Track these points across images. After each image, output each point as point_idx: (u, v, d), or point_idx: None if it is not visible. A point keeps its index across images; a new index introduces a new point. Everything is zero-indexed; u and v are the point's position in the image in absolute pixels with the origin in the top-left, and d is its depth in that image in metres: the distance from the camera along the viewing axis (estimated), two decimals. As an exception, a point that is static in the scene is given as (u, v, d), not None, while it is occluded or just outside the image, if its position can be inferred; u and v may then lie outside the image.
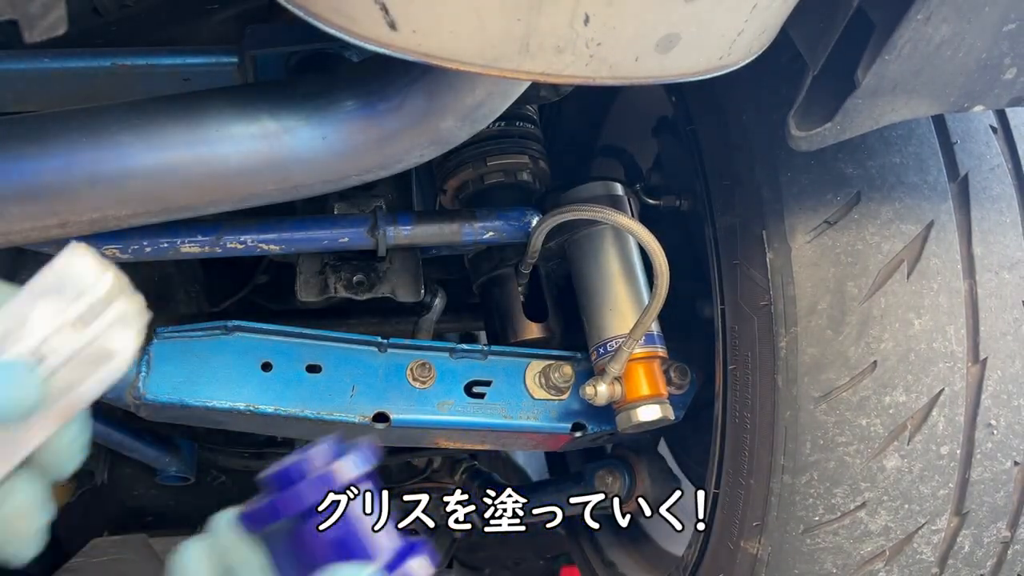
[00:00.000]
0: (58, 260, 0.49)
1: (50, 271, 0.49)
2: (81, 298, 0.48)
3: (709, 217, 1.17)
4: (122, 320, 0.48)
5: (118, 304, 0.48)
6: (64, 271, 0.49)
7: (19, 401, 0.46)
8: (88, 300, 0.48)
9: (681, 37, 0.70)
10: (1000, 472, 1.05)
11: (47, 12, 0.64)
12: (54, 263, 0.49)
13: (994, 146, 1.09)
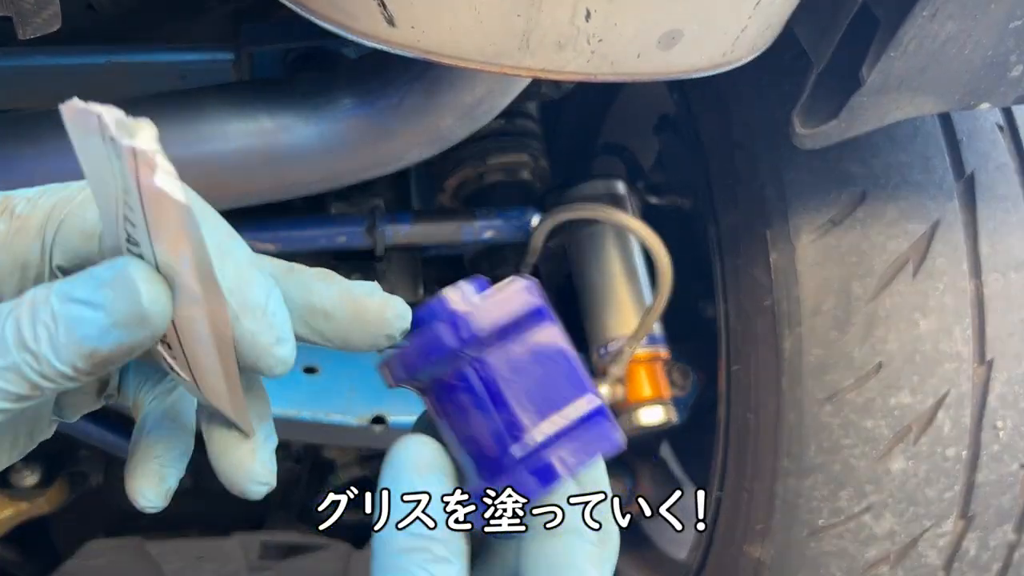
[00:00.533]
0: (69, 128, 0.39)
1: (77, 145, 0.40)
2: (110, 162, 0.38)
3: (712, 216, 1.16)
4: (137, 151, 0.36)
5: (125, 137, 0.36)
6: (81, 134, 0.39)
7: (135, 312, 0.38)
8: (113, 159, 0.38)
9: (683, 33, 0.69)
10: (1006, 474, 1.04)
11: (41, 9, 0.63)
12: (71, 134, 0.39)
13: (1000, 144, 1.08)
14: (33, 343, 0.38)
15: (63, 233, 0.43)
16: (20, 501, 1.50)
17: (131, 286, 0.38)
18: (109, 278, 0.38)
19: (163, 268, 0.39)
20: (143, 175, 0.37)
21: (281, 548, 1.59)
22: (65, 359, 0.38)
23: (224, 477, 0.47)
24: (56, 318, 0.38)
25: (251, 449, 0.47)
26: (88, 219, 0.43)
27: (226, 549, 1.58)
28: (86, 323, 0.38)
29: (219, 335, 0.42)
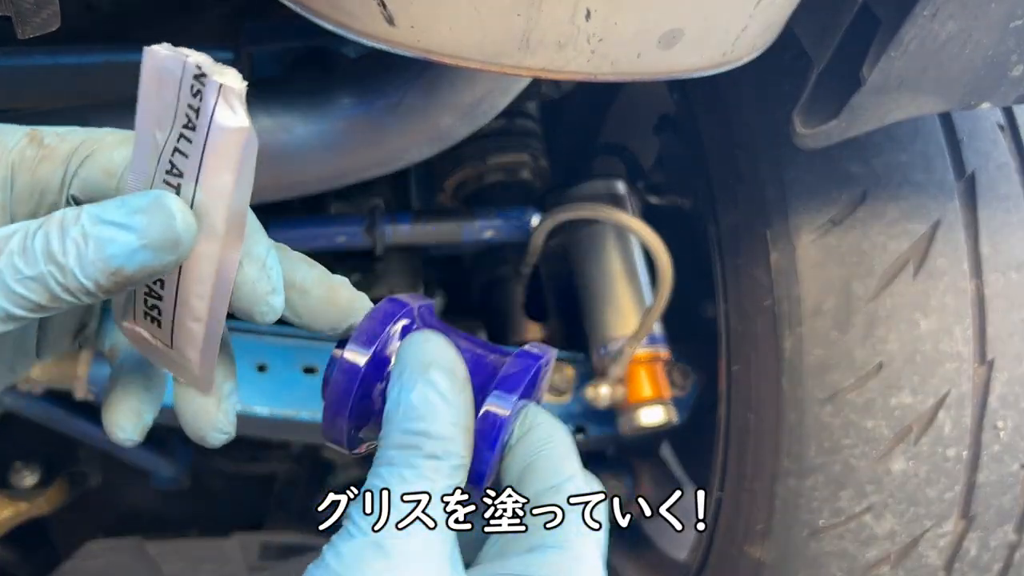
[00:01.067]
0: (143, 75, 0.43)
1: (144, 89, 0.43)
2: (183, 95, 0.42)
3: (712, 216, 1.16)
4: (225, 88, 0.41)
5: (215, 74, 0.41)
6: (153, 80, 0.43)
7: (163, 233, 0.42)
8: (188, 92, 0.42)
9: (684, 33, 0.69)
10: (1007, 475, 1.03)
11: (40, 8, 0.63)
12: (142, 79, 0.43)
13: (1001, 144, 1.08)
14: (61, 256, 0.41)
15: (87, 166, 0.48)
16: (20, 501, 1.50)
17: (167, 212, 0.42)
18: (144, 205, 0.42)
19: (196, 206, 0.43)
20: (222, 110, 0.41)
21: (281, 548, 1.59)
22: (90, 275, 0.42)
23: (187, 423, 0.51)
24: (87, 236, 0.41)
25: (216, 400, 0.51)
26: (113, 159, 0.47)
27: (226, 549, 1.57)
28: (116, 243, 0.41)
29: (222, 277, 0.45)
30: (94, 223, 0.42)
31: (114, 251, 0.42)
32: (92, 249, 0.42)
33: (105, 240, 0.42)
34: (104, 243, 0.42)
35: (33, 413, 1.31)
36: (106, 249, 0.42)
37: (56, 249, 0.42)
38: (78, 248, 0.41)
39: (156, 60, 0.42)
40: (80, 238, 0.42)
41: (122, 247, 0.42)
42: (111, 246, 0.42)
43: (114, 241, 0.42)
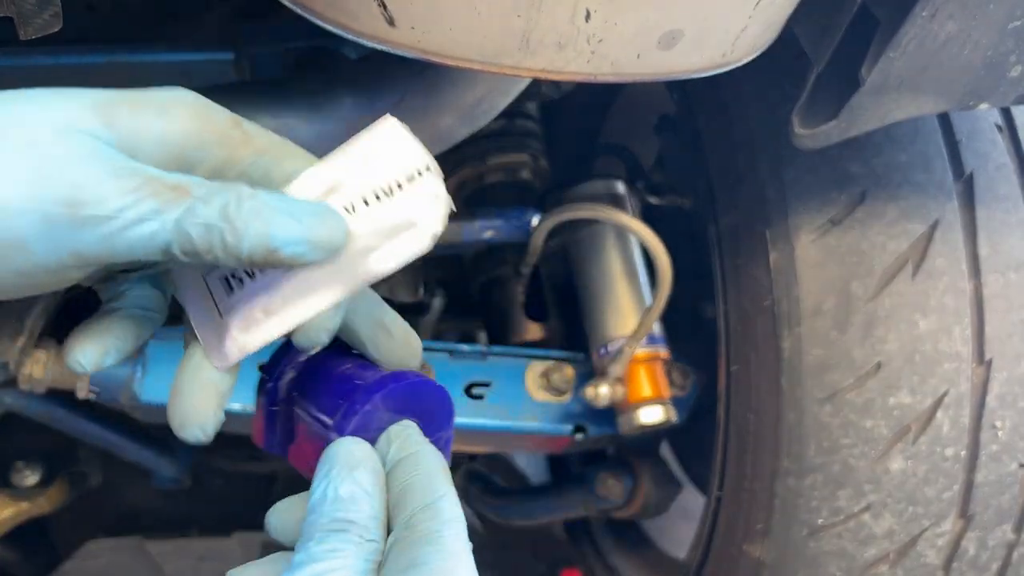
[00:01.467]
0: (372, 130, 0.50)
1: (364, 139, 0.50)
2: (392, 168, 0.48)
3: (712, 216, 1.16)
4: (430, 195, 0.47)
5: (428, 179, 0.47)
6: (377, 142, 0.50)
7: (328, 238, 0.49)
8: (399, 171, 0.48)
9: (684, 34, 0.69)
10: (1005, 474, 1.04)
11: (42, 9, 0.63)
12: (369, 132, 0.50)
13: (1000, 144, 1.08)
14: (236, 220, 0.47)
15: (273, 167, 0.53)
16: (20, 501, 1.50)
17: (335, 220, 0.49)
18: (314, 209, 0.49)
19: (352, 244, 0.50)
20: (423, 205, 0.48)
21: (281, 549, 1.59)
22: (252, 244, 0.47)
23: (176, 405, 0.56)
24: (259, 212, 0.47)
25: (215, 395, 0.56)
26: (296, 168, 0.53)
27: (226, 549, 1.58)
28: (285, 228, 0.47)
29: (316, 302, 0.51)
30: (269, 204, 0.48)
31: (278, 232, 0.47)
32: (261, 223, 0.47)
33: (275, 221, 0.47)
34: (273, 223, 0.47)
35: (34, 412, 1.31)
36: (273, 228, 0.47)
37: (233, 212, 0.47)
38: (253, 217, 0.47)
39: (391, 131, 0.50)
40: (254, 210, 0.47)
41: (288, 232, 0.47)
42: (278, 227, 0.47)
43: (282, 225, 0.47)
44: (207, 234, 0.47)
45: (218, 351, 0.54)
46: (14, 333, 1.14)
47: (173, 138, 0.50)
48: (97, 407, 1.31)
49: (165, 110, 0.51)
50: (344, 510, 0.49)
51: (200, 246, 0.47)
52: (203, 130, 0.52)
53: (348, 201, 0.50)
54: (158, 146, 0.50)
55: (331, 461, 0.52)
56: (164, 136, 0.50)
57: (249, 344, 0.53)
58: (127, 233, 0.46)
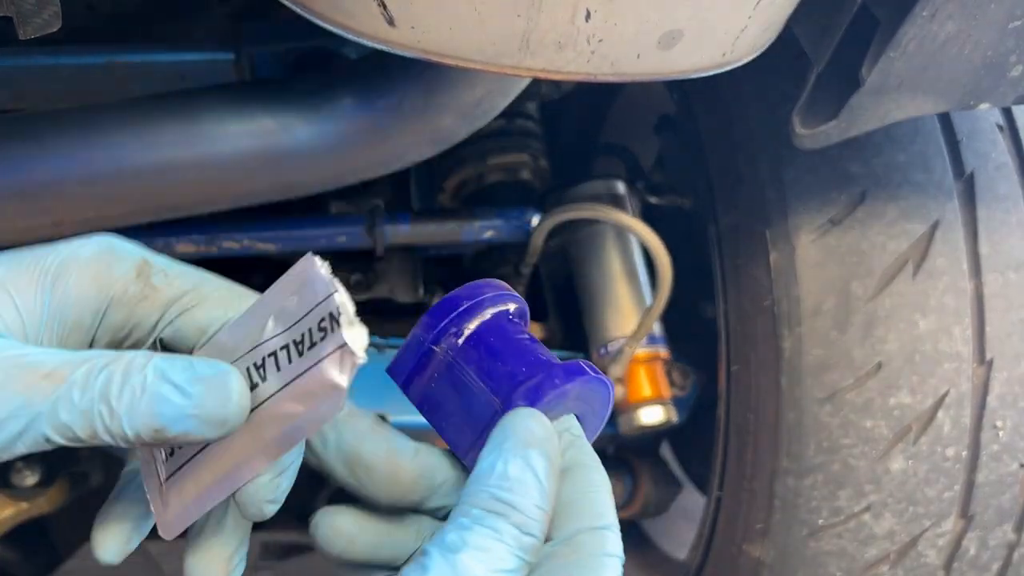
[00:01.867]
0: (293, 269, 0.46)
1: (285, 281, 0.46)
2: (310, 315, 0.44)
3: (712, 216, 1.16)
4: (346, 348, 0.43)
5: (345, 330, 0.43)
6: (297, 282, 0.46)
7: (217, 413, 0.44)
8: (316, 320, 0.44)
9: (684, 34, 0.69)
10: (1006, 474, 1.04)
11: (41, 9, 0.63)
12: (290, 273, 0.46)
13: (1000, 144, 1.08)
14: (115, 401, 0.43)
15: (184, 318, 0.50)
16: (20, 501, 1.50)
17: (226, 390, 0.44)
18: (208, 375, 0.44)
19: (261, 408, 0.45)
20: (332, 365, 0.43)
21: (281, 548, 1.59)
22: (135, 426, 0.43)
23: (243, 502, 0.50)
24: (145, 389, 0.43)
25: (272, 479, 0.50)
26: (212, 316, 0.50)
27: (226, 549, 1.57)
28: (169, 404, 0.43)
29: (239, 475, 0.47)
30: (157, 378, 0.43)
31: (164, 411, 0.43)
32: (145, 403, 0.43)
33: (160, 398, 0.43)
34: (158, 401, 0.43)
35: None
36: (157, 407, 0.43)
37: (114, 393, 0.43)
38: (133, 397, 0.43)
39: (309, 269, 0.45)
40: (139, 388, 0.43)
41: (173, 409, 0.43)
42: (163, 405, 0.43)
43: (168, 401, 0.43)
44: (86, 423, 0.43)
45: (163, 521, 0.51)
46: (14, 333, 1.14)
47: (67, 305, 0.48)
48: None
49: (60, 273, 0.48)
50: (508, 490, 0.44)
51: (81, 435, 0.43)
52: (98, 295, 0.49)
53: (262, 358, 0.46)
54: (56, 314, 0.48)
55: (505, 432, 0.46)
56: (61, 305, 0.48)
57: (190, 516, 0.49)
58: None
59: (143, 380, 0.43)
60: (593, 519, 0.46)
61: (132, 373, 0.43)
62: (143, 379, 0.43)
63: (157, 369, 0.43)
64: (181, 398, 0.43)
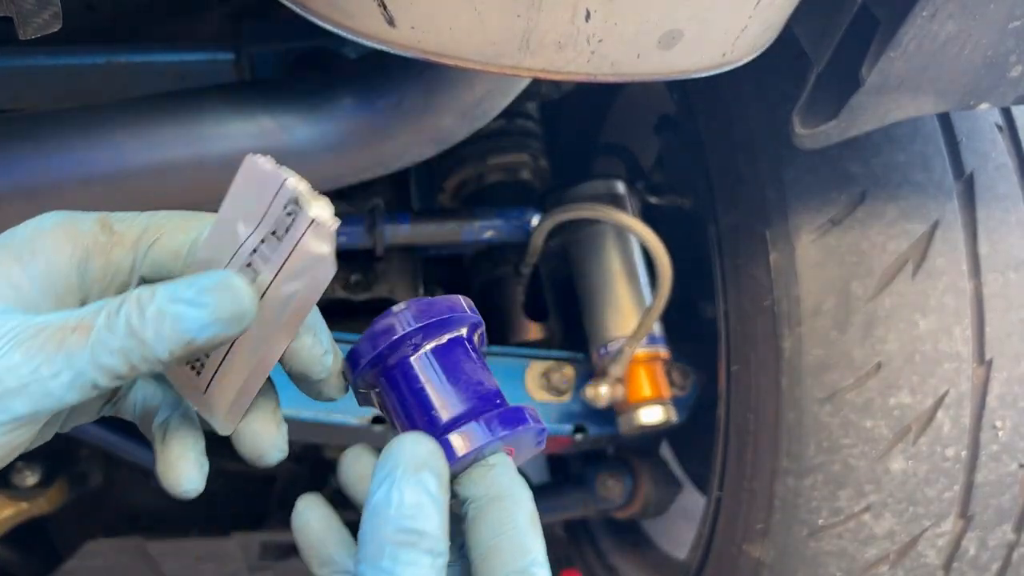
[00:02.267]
0: (239, 176, 0.50)
1: (236, 189, 0.50)
2: (274, 208, 0.49)
3: (712, 216, 1.16)
4: (317, 222, 0.48)
5: (310, 207, 0.48)
6: (249, 185, 0.50)
7: (236, 311, 0.48)
8: (280, 208, 0.49)
9: (683, 34, 0.69)
10: (1006, 474, 1.04)
11: (41, 9, 0.63)
12: (237, 180, 0.50)
13: (1000, 144, 1.08)
14: (141, 332, 0.47)
15: (155, 249, 0.54)
16: (20, 501, 1.50)
17: (235, 290, 0.48)
18: (213, 284, 0.48)
19: (265, 297, 0.50)
20: (311, 239, 0.48)
21: (281, 548, 1.59)
22: (166, 347, 0.47)
23: (246, 445, 0.58)
24: (162, 313, 0.47)
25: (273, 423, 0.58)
26: (179, 241, 0.54)
27: (226, 549, 1.58)
28: (189, 319, 0.47)
29: (267, 358, 0.53)
30: (169, 301, 0.47)
31: (188, 326, 0.47)
32: (168, 325, 0.47)
33: (180, 316, 0.47)
34: (179, 319, 0.47)
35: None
36: (181, 324, 0.47)
37: (136, 325, 0.47)
38: (156, 324, 0.47)
39: (255, 169, 0.49)
40: (157, 314, 0.47)
41: (195, 322, 0.47)
42: (185, 321, 0.47)
43: (187, 317, 0.47)
44: (124, 358, 0.47)
45: (218, 422, 0.56)
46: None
47: (52, 271, 0.52)
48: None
49: (33, 247, 0.52)
50: (412, 518, 0.48)
51: (123, 371, 0.48)
52: (73, 251, 0.53)
53: (247, 256, 0.51)
54: (45, 284, 0.52)
55: (394, 460, 0.50)
56: (46, 272, 0.52)
57: (235, 411, 0.56)
58: (50, 388, 0.47)
59: (158, 307, 0.47)
60: (517, 558, 0.49)
61: (145, 305, 0.47)
62: (157, 306, 0.47)
63: (166, 294, 0.48)
64: (198, 310, 0.47)
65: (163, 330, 0.47)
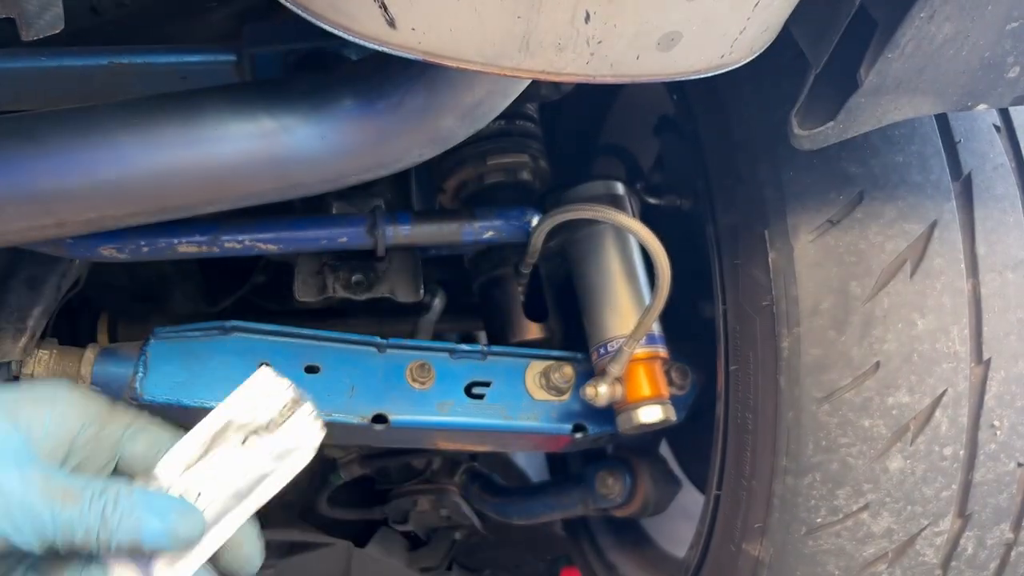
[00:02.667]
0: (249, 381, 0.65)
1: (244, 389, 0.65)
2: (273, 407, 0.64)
3: (711, 216, 1.16)
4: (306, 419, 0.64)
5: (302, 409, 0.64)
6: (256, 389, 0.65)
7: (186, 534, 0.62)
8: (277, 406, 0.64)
9: (682, 35, 0.70)
10: (1003, 473, 1.04)
11: (44, 10, 0.64)
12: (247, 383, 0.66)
13: (997, 145, 1.08)
14: (110, 520, 0.59)
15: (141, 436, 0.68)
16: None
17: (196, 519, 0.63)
18: (181, 510, 0.63)
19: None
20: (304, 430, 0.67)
21: (282, 546, 1.60)
22: (119, 541, 0.60)
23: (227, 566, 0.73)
24: (132, 512, 0.60)
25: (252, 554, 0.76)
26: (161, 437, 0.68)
27: (226, 548, 1.57)
28: (149, 528, 0.60)
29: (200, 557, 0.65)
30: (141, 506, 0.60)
31: (144, 533, 0.60)
32: (132, 523, 0.60)
33: (143, 522, 0.60)
34: (141, 524, 0.60)
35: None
36: (141, 529, 0.60)
37: (109, 513, 0.60)
38: (124, 518, 0.60)
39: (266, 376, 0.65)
40: (129, 511, 0.60)
41: (152, 532, 0.60)
42: (145, 528, 0.60)
43: (148, 526, 0.60)
44: (86, 534, 0.59)
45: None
46: (16, 333, 1.15)
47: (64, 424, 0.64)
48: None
49: (54, 403, 0.65)
50: None
51: (79, 542, 0.59)
52: (84, 414, 0.66)
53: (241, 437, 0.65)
54: (55, 433, 0.64)
55: None
56: (59, 423, 0.64)
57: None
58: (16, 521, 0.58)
59: (131, 506, 0.60)
60: None
61: (121, 500, 0.60)
62: (131, 505, 0.60)
63: (140, 499, 0.61)
64: (160, 523, 0.60)
65: (124, 526, 0.59)
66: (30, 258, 1.18)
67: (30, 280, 1.18)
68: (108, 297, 1.53)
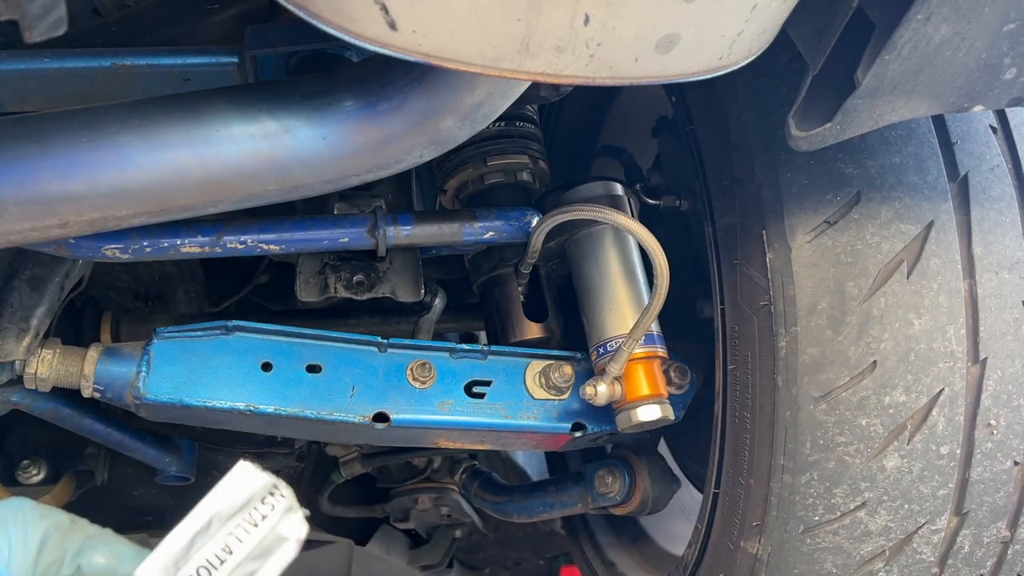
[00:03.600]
0: (229, 476, 0.65)
1: (225, 485, 0.65)
2: (255, 500, 0.63)
3: (709, 217, 1.17)
4: (289, 511, 0.63)
5: (284, 499, 0.63)
6: (237, 483, 0.64)
7: None
8: (258, 500, 0.63)
9: (681, 37, 0.70)
10: (1000, 472, 1.05)
11: (47, 12, 0.64)
12: (227, 478, 0.65)
13: (994, 146, 1.09)
14: None
15: (100, 546, 0.72)
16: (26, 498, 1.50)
17: None
18: None
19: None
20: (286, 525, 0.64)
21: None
22: None
23: None
24: None
25: None
26: (117, 551, 0.72)
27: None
28: None
29: None
30: None
31: None
32: None
33: None
34: None
35: (40, 411, 1.32)
36: None
37: None
38: None
39: (247, 471, 0.64)
40: None
41: None
42: None
43: None
44: None
45: None
46: (20, 333, 1.15)
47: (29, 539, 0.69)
48: (102, 405, 1.32)
49: (15, 522, 0.70)
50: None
51: None
52: (47, 527, 0.70)
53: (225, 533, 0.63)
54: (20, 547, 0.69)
55: None
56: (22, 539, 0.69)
57: None
58: None
59: None
60: None
61: None
62: None
63: None
64: None
65: None
66: (33, 258, 1.19)
67: (33, 280, 1.19)
68: (111, 297, 1.54)
